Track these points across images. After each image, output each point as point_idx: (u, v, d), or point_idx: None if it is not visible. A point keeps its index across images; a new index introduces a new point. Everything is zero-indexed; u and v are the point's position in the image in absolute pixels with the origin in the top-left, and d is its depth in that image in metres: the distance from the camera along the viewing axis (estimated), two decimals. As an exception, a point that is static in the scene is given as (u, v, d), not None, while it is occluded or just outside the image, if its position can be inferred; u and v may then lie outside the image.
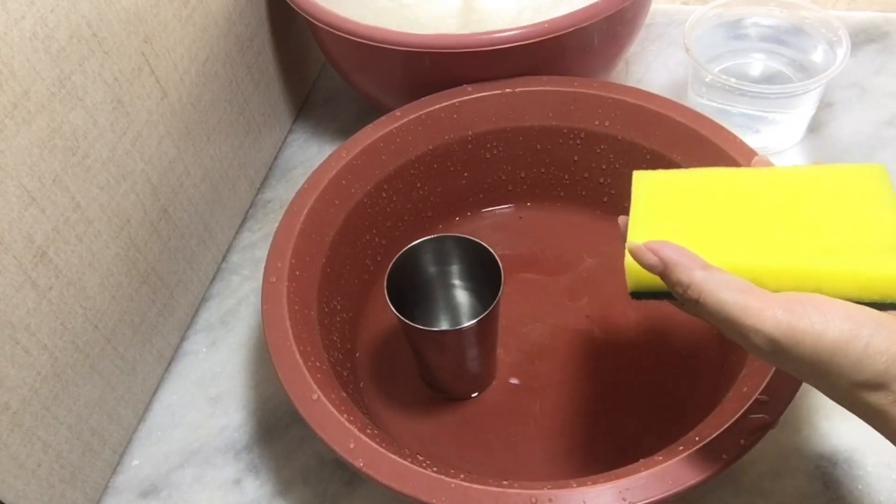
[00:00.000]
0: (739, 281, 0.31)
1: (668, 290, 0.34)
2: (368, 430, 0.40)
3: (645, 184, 0.39)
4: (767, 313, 0.29)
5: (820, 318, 0.29)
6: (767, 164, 0.40)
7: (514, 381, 0.51)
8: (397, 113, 0.54)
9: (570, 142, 0.56)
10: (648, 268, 0.33)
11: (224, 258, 0.61)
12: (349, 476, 0.48)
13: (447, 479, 0.37)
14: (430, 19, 0.60)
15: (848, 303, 0.30)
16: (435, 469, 0.38)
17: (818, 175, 0.37)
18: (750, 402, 0.38)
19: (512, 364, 0.52)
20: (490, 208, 0.61)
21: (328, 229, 0.51)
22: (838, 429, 0.47)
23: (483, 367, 0.50)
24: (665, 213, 0.37)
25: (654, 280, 0.34)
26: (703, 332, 0.51)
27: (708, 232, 0.35)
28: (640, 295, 0.35)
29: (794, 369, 0.31)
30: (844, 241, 0.33)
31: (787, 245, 0.33)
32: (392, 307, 0.44)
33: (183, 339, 0.56)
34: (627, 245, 0.35)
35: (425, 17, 0.60)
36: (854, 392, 0.29)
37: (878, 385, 0.29)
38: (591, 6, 0.54)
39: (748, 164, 0.45)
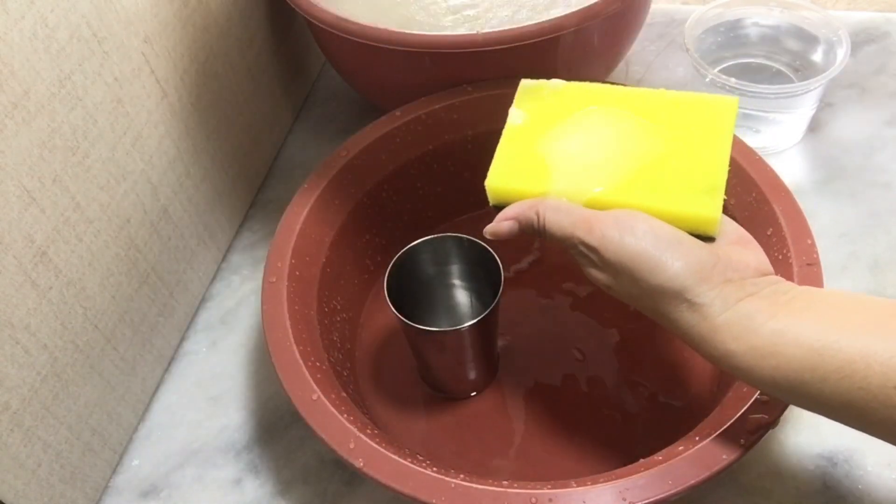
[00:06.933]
0: (571, 207, 0.38)
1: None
2: (368, 430, 0.40)
3: (524, 100, 0.44)
4: (594, 228, 0.36)
5: (630, 231, 0.35)
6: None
7: (513, 379, 0.52)
8: (397, 113, 0.54)
9: (570, 142, 0.57)
10: (509, 232, 0.40)
11: (224, 258, 0.61)
12: (349, 476, 0.48)
13: (447, 479, 0.37)
14: (429, 18, 0.60)
15: (660, 222, 0.36)
16: (435, 469, 0.38)
17: (674, 102, 0.42)
18: (750, 402, 0.38)
19: (512, 363, 0.52)
20: (490, 208, 0.61)
21: (328, 229, 0.51)
22: (838, 429, 0.46)
23: (483, 366, 0.50)
24: (527, 144, 0.42)
25: (509, 197, 0.40)
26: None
27: (560, 164, 0.40)
28: (500, 207, 0.41)
29: (615, 278, 0.36)
30: (672, 177, 0.38)
31: (623, 176, 0.39)
32: (392, 307, 0.44)
33: (183, 339, 0.56)
34: (486, 184, 0.41)
35: (424, 17, 0.60)
36: (657, 299, 0.35)
37: (672, 293, 0.34)
38: (590, 6, 0.53)
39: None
